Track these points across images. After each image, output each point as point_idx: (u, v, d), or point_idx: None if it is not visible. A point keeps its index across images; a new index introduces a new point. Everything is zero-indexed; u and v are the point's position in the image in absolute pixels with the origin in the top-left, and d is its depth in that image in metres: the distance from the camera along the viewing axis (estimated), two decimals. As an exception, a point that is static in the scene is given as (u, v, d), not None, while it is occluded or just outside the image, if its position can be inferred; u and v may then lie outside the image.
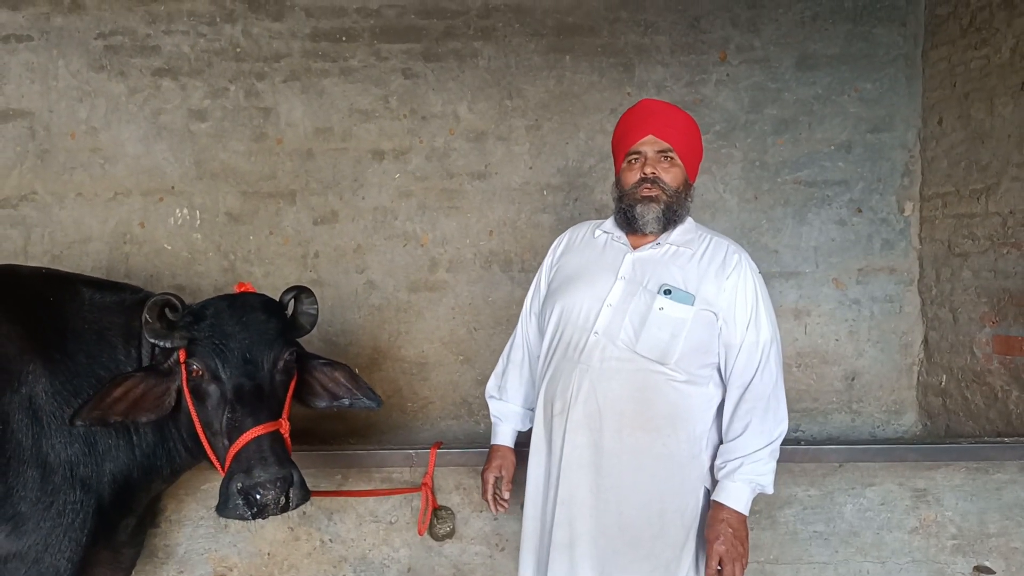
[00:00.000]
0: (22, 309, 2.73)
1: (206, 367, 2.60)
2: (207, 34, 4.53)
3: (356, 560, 3.51)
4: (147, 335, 2.62)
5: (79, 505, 2.66)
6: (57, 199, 4.51)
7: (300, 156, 4.58)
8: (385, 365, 4.61)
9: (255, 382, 2.60)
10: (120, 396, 2.59)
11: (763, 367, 2.55)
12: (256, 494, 2.44)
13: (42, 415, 2.62)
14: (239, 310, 2.69)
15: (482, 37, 4.52)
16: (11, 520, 2.54)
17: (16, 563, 2.57)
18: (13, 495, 2.54)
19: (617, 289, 2.61)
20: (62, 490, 2.62)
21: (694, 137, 2.68)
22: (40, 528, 2.58)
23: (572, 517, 2.56)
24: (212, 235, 4.57)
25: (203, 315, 2.66)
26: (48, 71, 4.50)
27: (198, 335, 2.62)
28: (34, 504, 2.57)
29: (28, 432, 2.59)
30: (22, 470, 2.56)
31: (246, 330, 2.65)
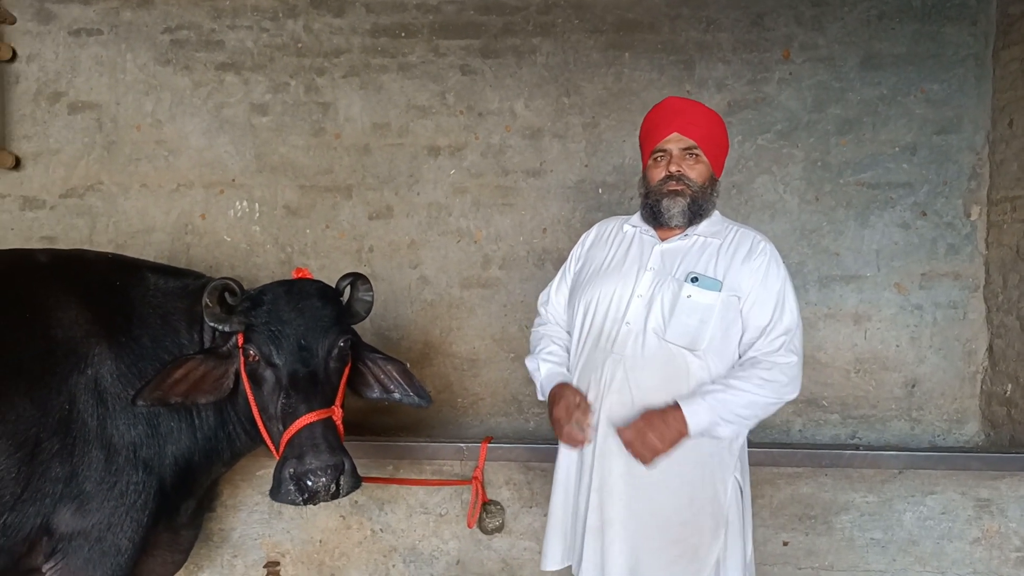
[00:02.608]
0: (90, 293, 2.80)
1: (262, 353, 2.64)
2: (270, 29, 4.60)
3: (406, 550, 3.53)
4: (206, 319, 2.67)
5: (141, 486, 2.71)
6: (122, 190, 4.62)
7: (357, 151, 4.62)
8: (436, 360, 4.62)
9: (309, 368, 2.63)
10: (180, 377, 2.64)
11: (784, 350, 2.55)
12: (307, 480, 2.47)
13: (107, 397, 2.69)
14: (295, 296, 2.73)
15: (541, 33, 4.51)
16: (76, 499, 2.60)
17: (80, 541, 2.63)
18: (79, 475, 2.60)
19: (645, 280, 2.67)
20: (125, 471, 2.68)
21: (719, 133, 2.75)
22: (104, 508, 2.64)
23: (604, 503, 2.60)
24: (270, 228, 4.63)
25: (260, 301, 2.70)
26: (116, 64, 4.61)
27: (255, 321, 2.66)
28: (98, 484, 2.63)
29: (94, 413, 2.65)
30: (87, 450, 2.62)
31: (301, 316, 2.68)
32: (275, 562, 3.53)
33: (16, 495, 2.49)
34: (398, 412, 4.54)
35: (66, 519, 2.61)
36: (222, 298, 2.67)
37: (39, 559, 2.66)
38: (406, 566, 3.53)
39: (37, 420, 2.53)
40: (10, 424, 2.47)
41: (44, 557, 2.65)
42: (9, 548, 2.54)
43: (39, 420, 2.54)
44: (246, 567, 3.54)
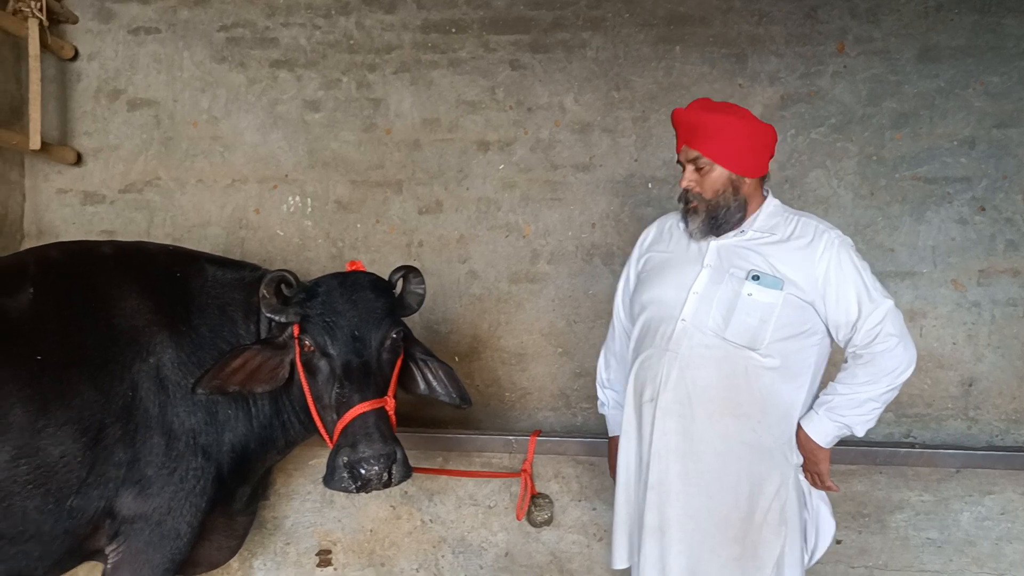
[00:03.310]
0: (151, 284, 2.89)
1: (317, 343, 2.69)
2: (322, 26, 4.66)
3: (455, 541, 3.56)
4: (264, 309, 2.74)
5: (200, 472, 2.79)
6: (179, 185, 4.72)
7: (407, 146, 4.66)
8: (484, 354, 4.65)
9: (363, 359, 2.68)
10: (238, 367, 2.71)
11: (880, 339, 2.53)
12: (361, 468, 2.52)
13: (168, 384, 2.77)
14: (350, 288, 2.78)
15: (591, 27, 4.51)
16: (138, 483, 2.68)
17: (141, 524, 2.71)
18: (140, 460, 2.68)
19: (703, 277, 2.66)
20: (185, 457, 2.75)
21: (737, 134, 2.63)
22: (164, 492, 2.72)
23: (662, 502, 2.60)
24: (322, 222, 4.70)
25: (315, 292, 2.76)
26: (174, 62, 4.72)
27: (311, 312, 2.72)
28: (159, 469, 2.71)
29: (155, 400, 2.73)
30: (149, 436, 2.70)
31: (356, 308, 2.74)
32: (327, 550, 3.59)
33: (81, 479, 2.58)
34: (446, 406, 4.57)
35: (128, 503, 2.69)
36: (278, 289, 2.74)
37: (102, 541, 2.75)
38: (455, 557, 3.56)
39: (101, 406, 2.61)
40: (75, 410, 2.55)
41: (107, 539, 2.74)
42: (74, 530, 2.63)
43: (103, 406, 2.62)
44: (298, 554, 3.61)
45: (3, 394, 2.42)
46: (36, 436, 2.46)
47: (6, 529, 2.46)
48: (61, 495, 2.54)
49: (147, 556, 2.74)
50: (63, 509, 2.56)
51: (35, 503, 2.49)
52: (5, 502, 2.43)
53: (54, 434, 2.50)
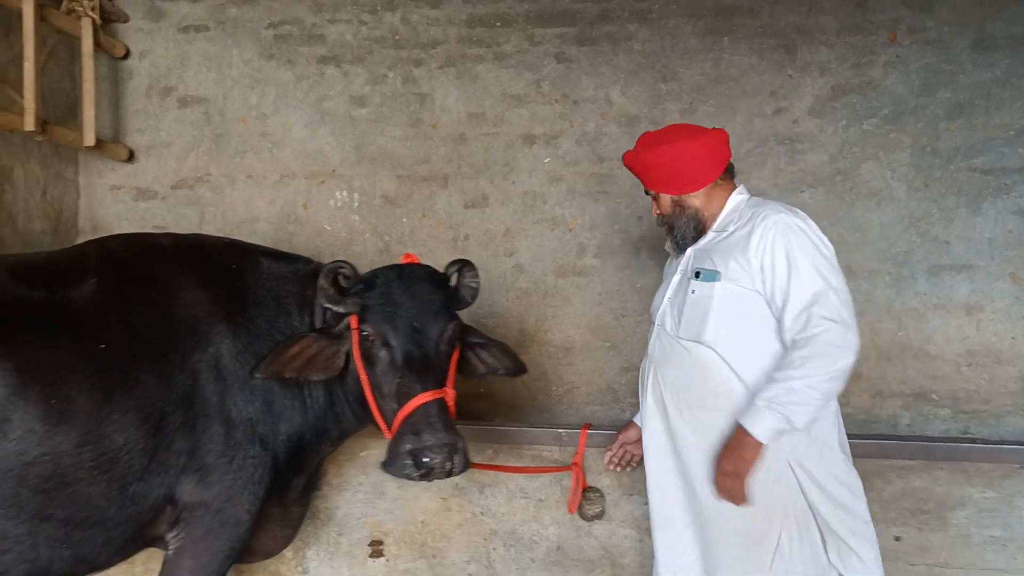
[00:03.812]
0: (209, 275, 2.92)
1: (377, 333, 2.71)
2: (368, 22, 4.69)
3: (506, 534, 3.56)
4: (321, 300, 2.76)
5: (258, 460, 2.82)
6: (229, 180, 4.78)
7: (453, 141, 4.67)
8: (531, 348, 4.64)
9: (423, 350, 2.70)
10: (295, 354, 2.74)
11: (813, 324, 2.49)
12: (424, 456, 2.54)
13: (226, 374, 2.79)
14: (408, 280, 2.80)
15: (637, 20, 4.48)
16: (198, 471, 2.71)
17: (201, 511, 2.74)
18: (200, 448, 2.71)
19: (673, 283, 2.88)
20: (243, 445, 2.78)
21: (660, 160, 2.79)
22: (223, 480, 2.75)
23: (663, 499, 2.79)
24: (369, 217, 4.72)
25: (374, 283, 2.78)
26: (223, 60, 4.77)
27: (370, 302, 2.73)
28: (219, 457, 2.74)
29: (214, 389, 2.76)
30: (208, 425, 2.73)
31: (414, 299, 2.76)
32: (378, 541, 3.61)
33: (144, 466, 2.62)
34: (494, 398, 4.58)
35: (188, 490, 2.72)
36: (336, 280, 2.76)
37: (163, 528, 2.78)
38: (506, 550, 3.56)
39: (162, 394, 2.65)
40: (138, 398, 2.59)
41: (168, 526, 2.78)
42: (136, 516, 2.67)
43: (164, 395, 2.65)
44: (350, 545, 3.63)
45: (68, 382, 2.46)
46: (100, 423, 2.50)
47: (72, 515, 2.50)
48: (124, 481, 2.58)
49: (207, 543, 2.77)
50: (126, 495, 2.59)
51: (99, 489, 2.53)
52: (71, 488, 2.47)
53: (118, 421, 2.53)
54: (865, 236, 4.34)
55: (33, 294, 2.56)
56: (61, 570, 2.58)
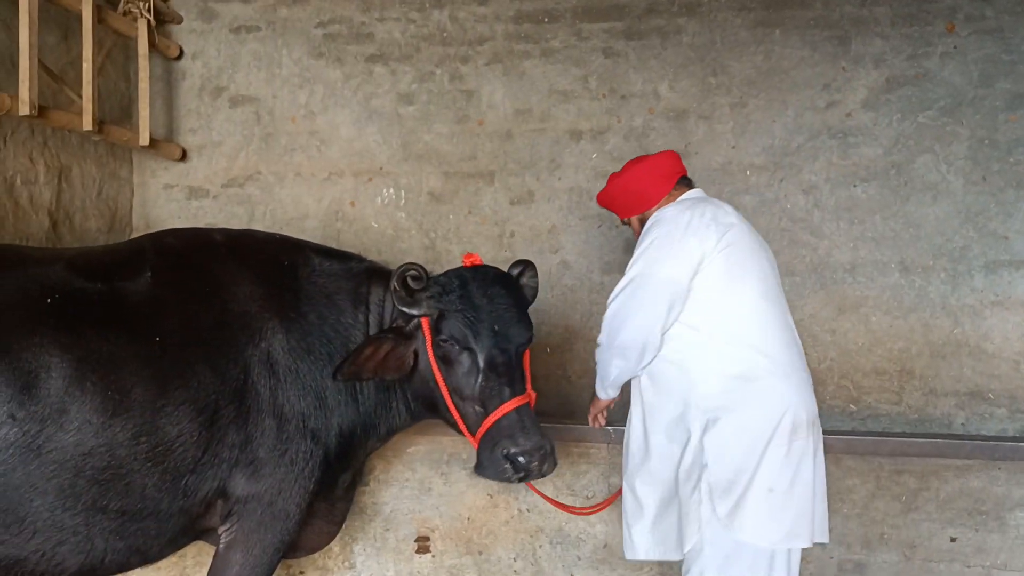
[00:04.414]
0: (262, 271, 2.96)
1: (458, 337, 2.73)
2: (416, 20, 4.71)
3: (552, 532, 3.55)
4: (395, 302, 2.78)
5: (309, 454, 2.84)
6: (278, 179, 4.84)
7: (500, 137, 4.67)
8: (576, 345, 4.62)
9: (506, 354, 2.74)
10: (369, 355, 2.77)
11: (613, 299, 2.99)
12: (521, 459, 2.63)
13: (279, 369, 2.83)
14: (482, 283, 2.82)
15: (686, 13, 4.43)
16: (251, 464, 2.75)
17: (253, 504, 2.77)
18: (252, 442, 2.75)
19: None
20: (295, 439, 2.81)
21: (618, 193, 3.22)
22: (275, 474, 2.78)
23: None
24: (415, 214, 4.75)
25: (450, 287, 2.80)
26: (273, 59, 4.83)
27: (448, 306, 2.75)
28: (271, 451, 2.77)
29: (266, 384, 2.79)
30: (260, 419, 2.76)
31: (492, 303, 2.80)
32: (425, 537, 3.62)
33: (196, 458, 2.65)
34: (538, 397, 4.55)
35: (241, 483, 2.76)
36: (405, 282, 2.77)
37: (214, 520, 2.82)
38: (552, 547, 3.55)
39: (216, 388, 2.69)
40: (192, 390, 2.63)
41: (219, 519, 2.81)
42: (188, 509, 2.71)
43: (218, 388, 2.69)
44: (397, 540, 3.65)
45: (125, 373, 2.51)
46: (156, 415, 2.54)
47: (127, 506, 2.55)
48: (178, 473, 2.62)
49: (259, 536, 2.81)
50: (179, 487, 2.63)
51: (153, 480, 2.57)
52: (126, 479, 2.52)
53: (172, 413, 2.57)
54: (920, 231, 4.24)
55: (91, 286, 2.62)
56: (115, 561, 2.63)
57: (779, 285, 2.96)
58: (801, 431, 2.69)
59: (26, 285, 2.52)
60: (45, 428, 2.36)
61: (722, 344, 2.76)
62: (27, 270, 2.58)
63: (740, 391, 2.70)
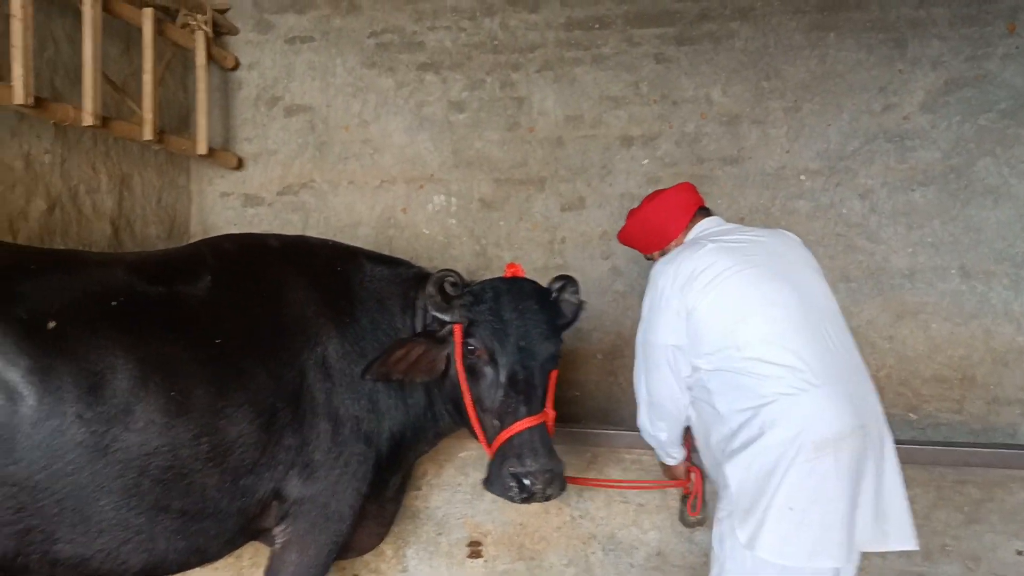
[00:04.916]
0: (316, 276, 3.00)
1: (483, 348, 2.74)
2: (467, 28, 4.75)
3: (605, 538, 3.53)
4: (430, 307, 2.80)
5: (362, 457, 2.87)
6: (332, 186, 4.91)
7: (550, 144, 4.68)
8: (627, 352, 4.54)
9: (528, 371, 2.75)
10: (401, 356, 2.78)
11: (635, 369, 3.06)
12: (526, 480, 2.61)
13: (333, 373, 2.86)
14: (515, 297, 2.83)
15: (739, 18, 4.40)
16: (306, 467, 2.78)
17: (308, 506, 2.81)
18: (308, 444, 2.78)
19: None
20: (349, 442, 2.84)
21: (636, 232, 3.22)
22: (329, 476, 2.81)
23: None
24: (466, 220, 4.77)
25: (483, 297, 2.81)
26: (327, 69, 4.91)
27: (478, 316, 2.76)
28: (326, 453, 2.80)
29: (321, 388, 2.83)
30: (316, 422, 2.80)
31: (522, 318, 2.79)
32: (477, 542, 3.63)
33: (255, 459, 2.69)
34: (588, 403, 4.56)
35: (296, 485, 2.79)
36: (443, 288, 2.79)
37: (270, 521, 2.86)
38: (605, 554, 3.53)
39: (273, 391, 2.72)
40: (251, 392, 2.67)
41: (275, 520, 2.85)
42: (246, 509, 2.74)
43: (275, 391, 2.73)
44: (450, 545, 3.66)
45: (186, 375, 2.55)
46: (216, 416, 2.58)
47: (188, 506, 2.59)
48: (236, 474, 2.66)
49: (313, 537, 2.84)
50: (237, 488, 2.67)
51: (213, 481, 2.61)
52: (188, 479, 2.56)
53: (232, 415, 2.61)
54: (980, 235, 4.14)
55: (152, 290, 2.67)
56: (176, 561, 2.67)
57: (817, 293, 2.84)
58: (827, 447, 2.56)
59: (90, 288, 2.58)
60: (111, 428, 2.41)
61: (737, 374, 2.69)
62: (90, 274, 2.65)
63: (757, 417, 2.63)
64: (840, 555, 2.53)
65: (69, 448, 2.37)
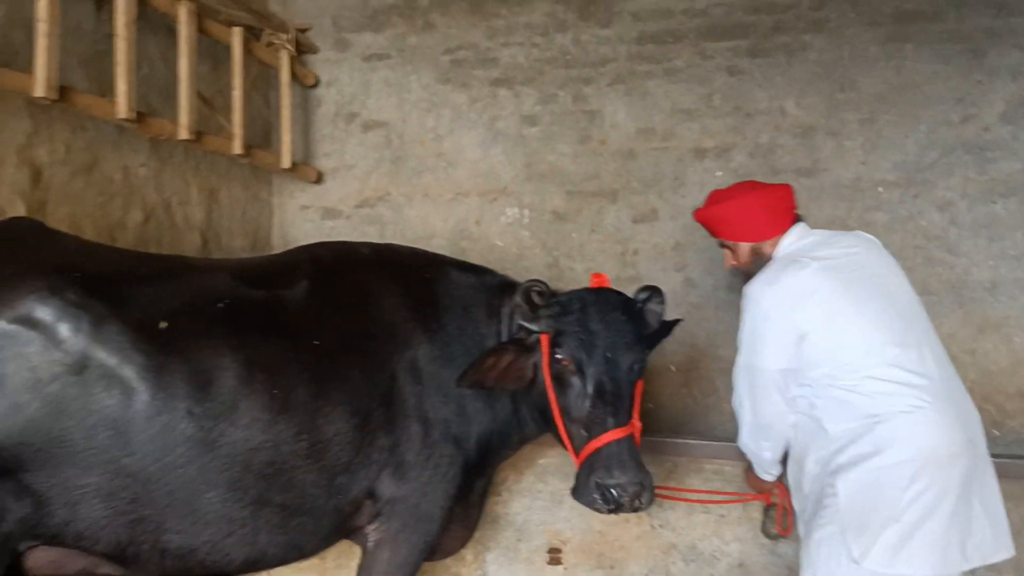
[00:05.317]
0: (406, 283, 3.09)
1: (570, 359, 2.79)
2: (540, 44, 4.84)
3: (685, 548, 3.53)
4: (517, 316, 2.87)
5: (451, 459, 2.94)
6: (407, 200, 5.02)
7: (622, 156, 4.73)
8: (702, 364, 4.60)
9: (615, 382, 2.78)
10: (492, 364, 2.85)
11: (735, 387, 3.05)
12: (613, 491, 2.65)
13: (423, 376, 2.94)
14: (602, 308, 2.87)
15: (813, 30, 4.41)
16: (398, 467, 2.86)
17: (400, 505, 2.88)
18: (400, 445, 2.85)
19: None
20: (439, 444, 2.91)
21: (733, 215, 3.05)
22: (420, 476, 2.88)
23: None
24: (538, 232, 4.84)
25: (569, 308, 2.86)
26: (403, 85, 5.04)
27: (565, 327, 2.81)
28: (417, 454, 2.88)
29: (412, 390, 2.91)
30: (407, 424, 2.87)
31: (609, 329, 2.83)
32: (556, 549, 3.66)
33: (350, 458, 2.77)
34: (662, 415, 4.56)
35: (389, 485, 2.87)
36: (530, 298, 2.85)
37: (363, 519, 2.94)
38: (686, 564, 3.53)
39: (367, 392, 2.81)
40: (347, 393, 2.76)
41: (368, 519, 2.93)
42: (340, 507, 2.83)
43: (369, 393, 2.81)
44: (530, 551, 3.70)
45: (288, 375, 2.65)
46: (314, 415, 2.67)
47: (288, 501, 2.68)
48: (333, 472, 2.74)
49: (405, 536, 2.91)
50: (333, 485, 2.76)
51: (312, 478, 2.70)
52: (288, 475, 2.65)
53: (329, 414, 2.70)
54: (1064, 248, 4.07)
55: (254, 293, 2.78)
56: (276, 555, 2.76)
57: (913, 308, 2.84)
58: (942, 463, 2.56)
59: (197, 292, 2.70)
60: (218, 424, 2.51)
61: (846, 392, 2.68)
62: (197, 278, 2.77)
63: (871, 434, 2.63)
64: (952, 569, 2.54)
65: (179, 442, 2.47)
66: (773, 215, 3.01)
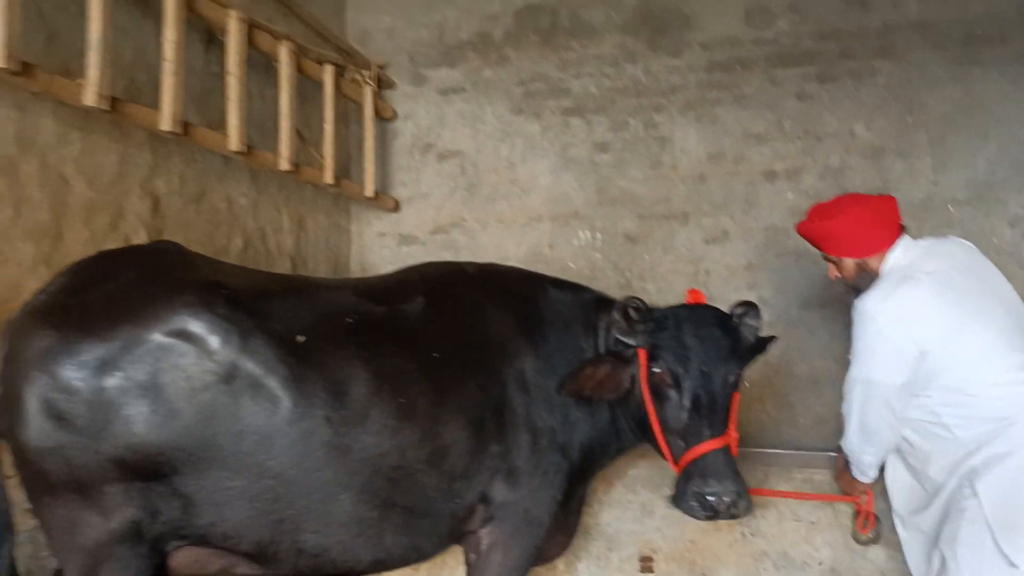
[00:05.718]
0: (511, 299, 3.25)
1: (667, 372, 2.92)
2: (610, 74, 5.03)
3: (777, 555, 3.61)
4: (614, 331, 3.01)
5: (558, 466, 3.07)
6: (481, 225, 5.20)
7: (693, 180, 4.88)
8: (776, 380, 4.69)
9: (711, 394, 2.89)
10: (590, 374, 2.98)
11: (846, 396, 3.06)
12: (710, 498, 2.76)
13: (530, 387, 3.07)
14: (697, 323, 3.00)
15: (880, 55, 4.56)
16: (510, 473, 2.98)
17: (512, 510, 3.01)
18: (511, 452, 2.99)
19: None
20: (546, 452, 3.03)
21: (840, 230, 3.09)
22: (531, 482, 3.01)
23: None
24: (610, 254, 4.99)
25: (665, 324, 3.00)
26: (477, 117, 5.24)
27: (662, 341, 2.95)
28: (526, 461, 3.00)
29: (520, 400, 3.04)
30: (517, 432, 3.00)
31: (704, 344, 2.94)
32: (648, 558, 3.75)
33: (466, 464, 2.91)
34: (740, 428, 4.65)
35: (501, 490, 2.99)
36: (627, 313, 3.00)
37: (475, 523, 3.06)
38: (777, 571, 3.61)
39: (481, 402, 2.95)
40: (463, 402, 2.90)
41: (480, 523, 3.05)
42: (455, 511, 2.96)
43: (483, 402, 2.95)
44: (620, 561, 3.79)
45: (412, 384, 2.80)
46: (435, 422, 2.82)
47: (411, 504, 2.82)
48: (451, 477, 2.87)
49: (516, 540, 3.02)
50: (452, 490, 2.89)
51: (432, 481, 2.84)
52: (411, 479, 2.79)
53: (448, 422, 2.84)
54: None
55: (378, 309, 2.95)
56: (399, 556, 2.90)
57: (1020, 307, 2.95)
58: None
59: (328, 308, 2.87)
60: (352, 430, 2.66)
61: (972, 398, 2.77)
62: (325, 295, 2.95)
63: (1004, 435, 2.70)
64: None
65: (317, 447, 2.63)
66: (879, 230, 3.06)
